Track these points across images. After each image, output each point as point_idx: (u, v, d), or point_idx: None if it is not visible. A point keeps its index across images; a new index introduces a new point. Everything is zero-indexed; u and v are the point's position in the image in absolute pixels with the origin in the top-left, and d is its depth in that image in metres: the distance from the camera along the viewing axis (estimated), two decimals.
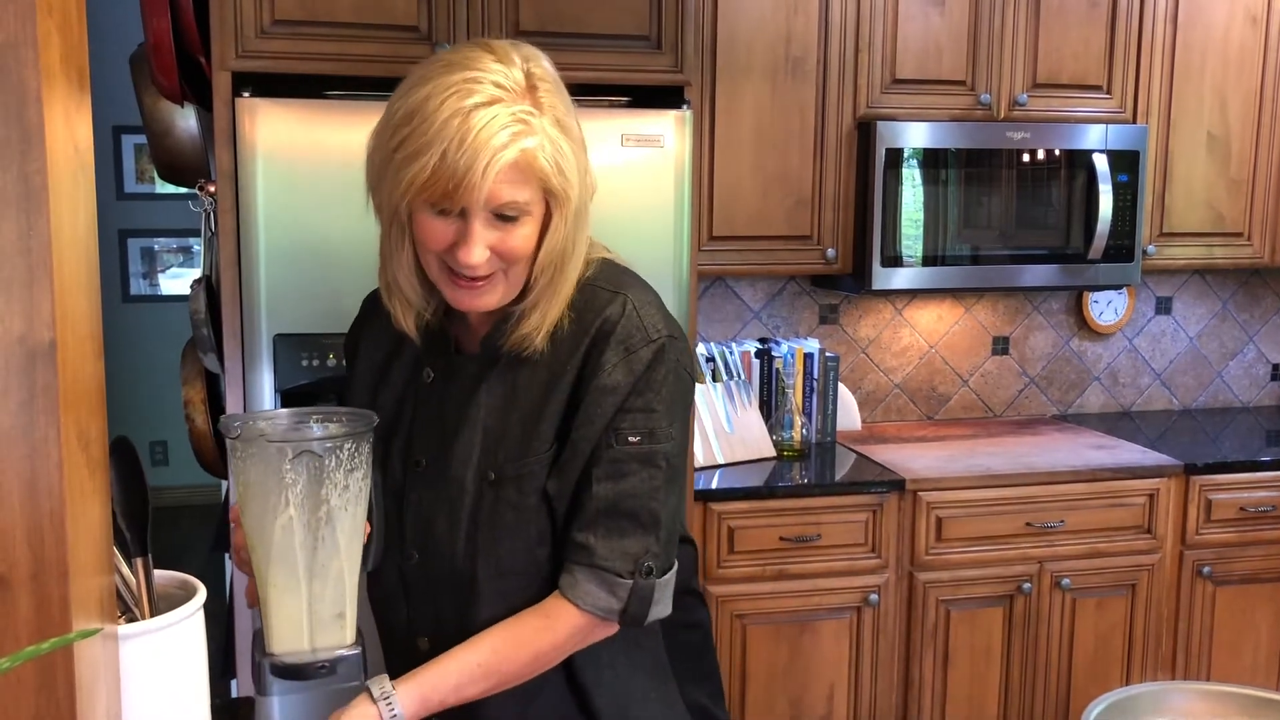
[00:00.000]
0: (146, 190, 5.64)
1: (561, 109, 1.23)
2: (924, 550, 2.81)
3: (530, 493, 1.31)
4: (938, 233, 2.97)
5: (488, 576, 1.31)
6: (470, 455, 1.32)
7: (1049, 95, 3.06)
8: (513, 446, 1.31)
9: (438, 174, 1.16)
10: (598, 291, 1.32)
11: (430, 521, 1.34)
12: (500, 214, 1.20)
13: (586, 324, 1.30)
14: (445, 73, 1.20)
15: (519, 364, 1.31)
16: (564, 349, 1.31)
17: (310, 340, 2.38)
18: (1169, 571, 2.99)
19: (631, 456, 1.28)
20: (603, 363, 1.28)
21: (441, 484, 1.34)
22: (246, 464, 1.14)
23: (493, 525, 1.31)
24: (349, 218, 2.36)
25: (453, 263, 1.23)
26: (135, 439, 3.93)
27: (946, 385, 3.46)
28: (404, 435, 1.37)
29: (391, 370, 1.41)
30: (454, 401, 1.34)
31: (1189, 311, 3.63)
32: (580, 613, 1.28)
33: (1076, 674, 2.94)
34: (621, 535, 1.28)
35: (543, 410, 1.30)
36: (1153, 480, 2.94)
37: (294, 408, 1.26)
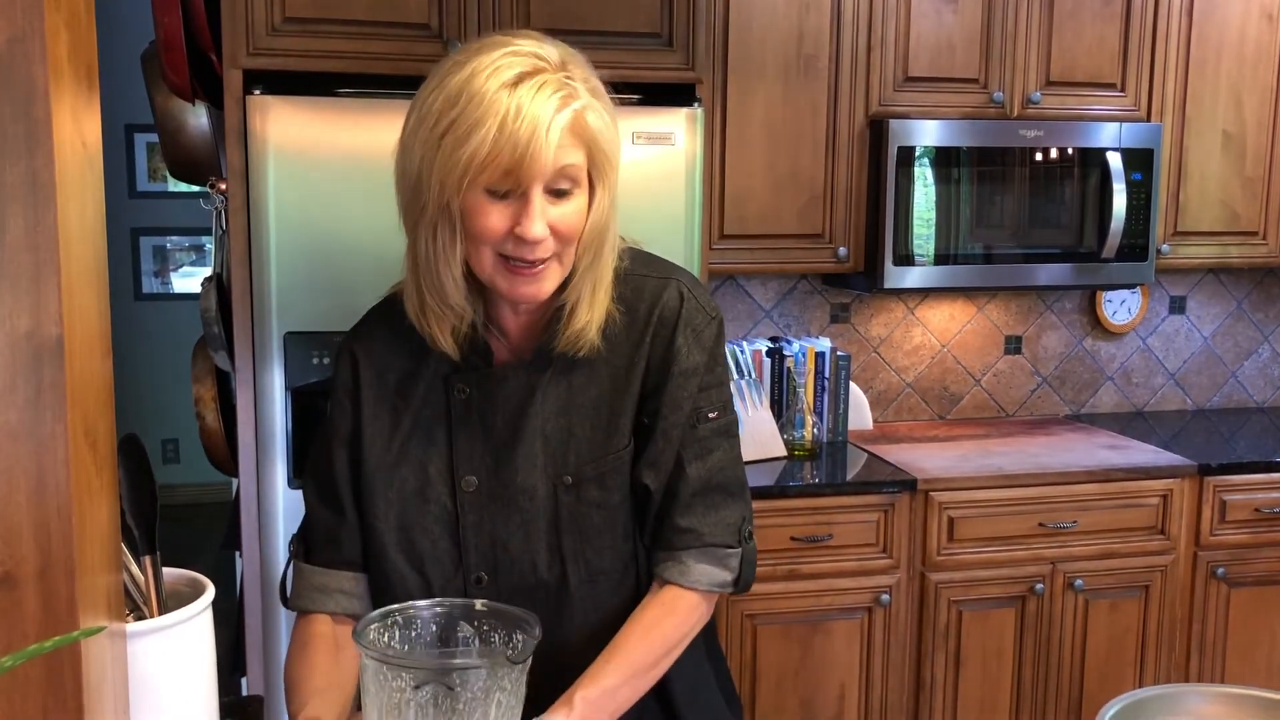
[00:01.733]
0: (159, 189, 5.65)
1: (594, 82, 1.24)
2: (936, 550, 2.80)
3: (614, 489, 1.30)
4: (950, 231, 2.95)
5: (579, 582, 1.30)
6: (534, 464, 1.29)
7: (1062, 93, 3.04)
8: (585, 447, 1.29)
9: (498, 146, 1.14)
10: (645, 280, 1.33)
11: (500, 540, 1.30)
12: (553, 189, 1.19)
13: (641, 314, 1.31)
14: (481, 54, 1.19)
15: (572, 365, 1.30)
16: (621, 342, 1.30)
17: (321, 338, 2.38)
18: (1183, 573, 2.97)
19: (714, 432, 1.32)
20: (677, 348, 1.30)
21: (506, 499, 1.29)
22: (364, 676, 1.05)
23: (578, 529, 1.29)
24: (360, 216, 2.36)
25: (512, 248, 1.19)
26: (146, 437, 3.95)
27: (958, 385, 3.44)
28: (442, 459, 1.31)
29: (411, 395, 1.33)
30: (503, 414, 1.30)
31: (1203, 311, 3.61)
32: (698, 594, 1.31)
33: (1089, 676, 2.93)
34: (719, 508, 1.31)
35: (615, 406, 1.30)
36: (1166, 481, 2.92)
37: (452, 600, 1.18)
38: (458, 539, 1.30)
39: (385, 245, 2.38)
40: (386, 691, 1.02)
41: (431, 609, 1.13)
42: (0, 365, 0.81)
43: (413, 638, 1.11)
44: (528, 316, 1.31)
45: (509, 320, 1.31)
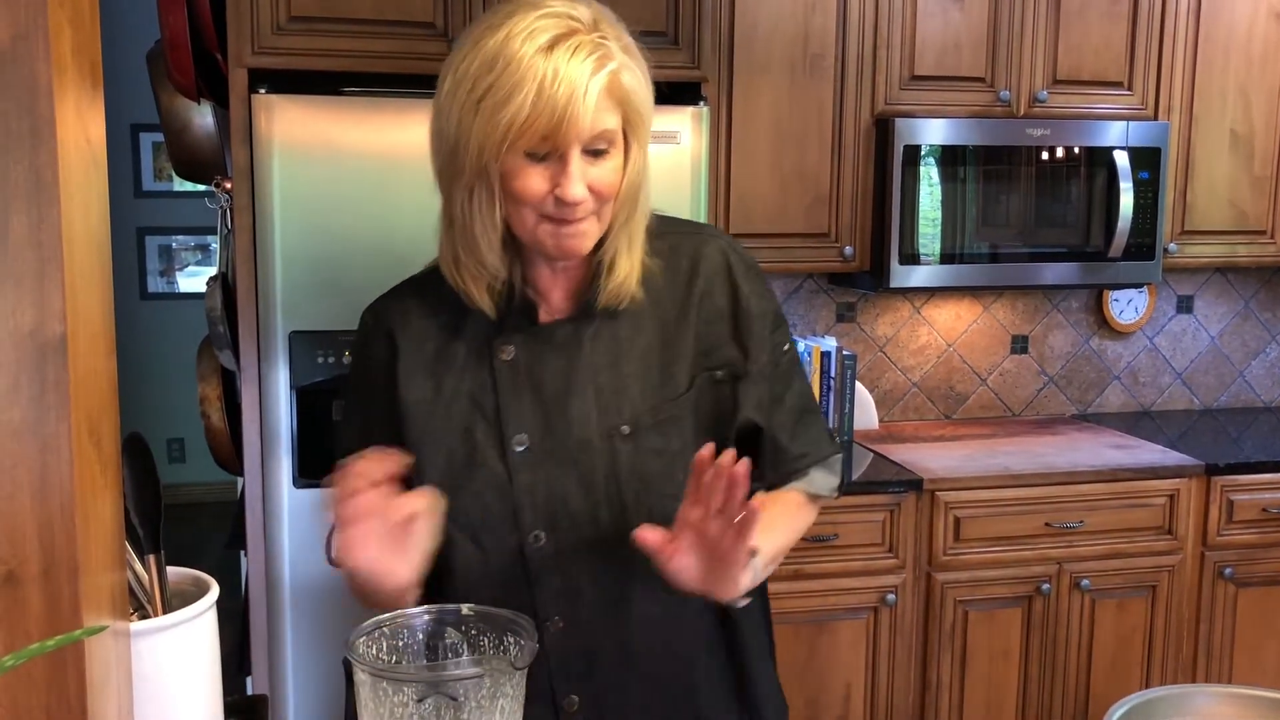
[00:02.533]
0: (164, 188, 5.66)
1: (625, 39, 1.24)
2: (942, 550, 2.79)
3: (674, 437, 1.32)
4: (956, 230, 2.95)
5: None
6: (589, 417, 1.30)
7: (1069, 92, 3.03)
8: (640, 396, 1.31)
9: (536, 110, 1.15)
10: (679, 237, 1.38)
11: (558, 496, 1.30)
12: (591, 149, 1.21)
13: (683, 268, 1.36)
14: (514, 15, 1.20)
15: (616, 318, 1.32)
16: (664, 295, 1.34)
17: (326, 337, 2.38)
18: (1190, 573, 2.96)
19: (792, 362, 1.41)
20: (746, 297, 1.36)
21: (561, 455, 1.30)
22: (361, 691, 1.03)
23: (638, 479, 1.30)
24: (365, 214, 2.36)
25: (553, 208, 1.21)
26: (152, 436, 3.96)
27: (965, 384, 3.44)
28: (489, 421, 1.30)
29: (450, 361, 1.33)
30: (551, 370, 1.31)
31: (1210, 310, 3.60)
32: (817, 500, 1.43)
33: (1096, 676, 2.92)
34: (813, 425, 1.43)
35: (666, 356, 1.33)
36: (1173, 480, 2.91)
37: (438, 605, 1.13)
38: (511, 500, 1.29)
39: (391, 244, 2.38)
40: (387, 706, 1.01)
41: (420, 616, 1.11)
42: (4, 363, 0.81)
43: (400, 647, 1.10)
44: (564, 275, 1.32)
45: (546, 280, 1.32)
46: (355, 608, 2.48)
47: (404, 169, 2.37)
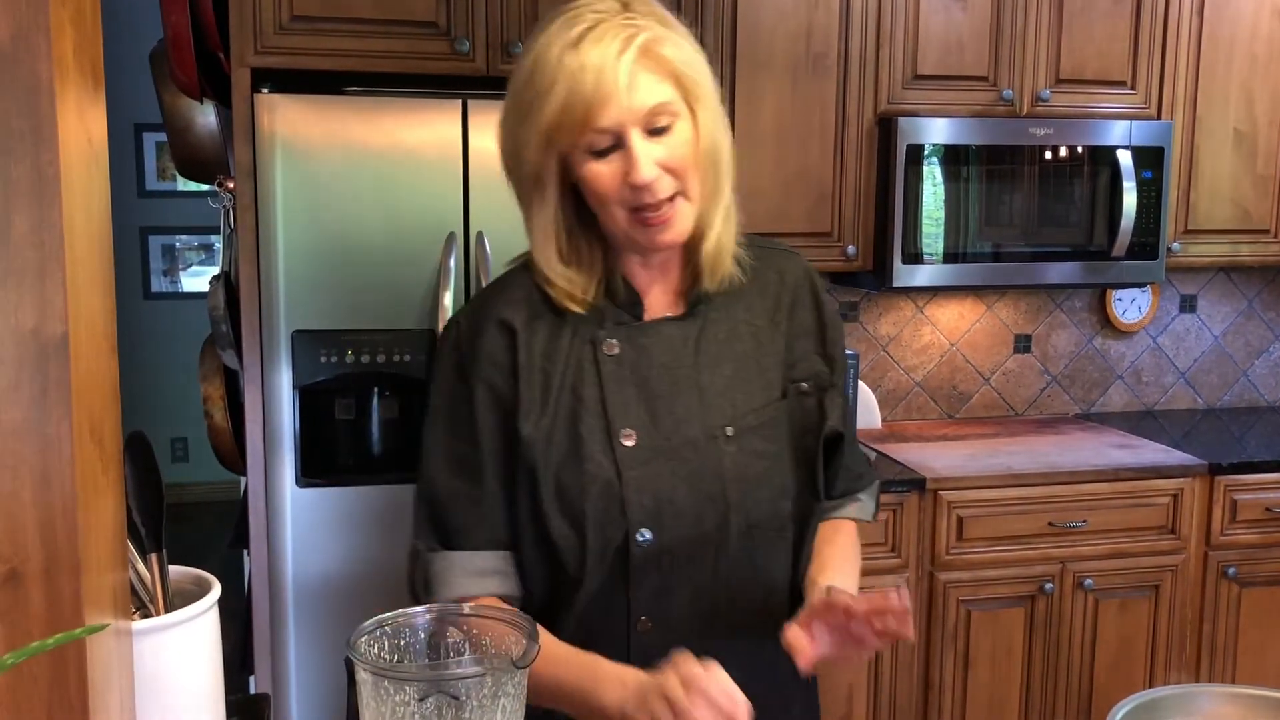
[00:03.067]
0: (168, 188, 5.67)
1: (661, 13, 1.24)
2: (945, 550, 2.79)
3: (774, 440, 1.33)
4: (959, 230, 2.94)
5: (738, 534, 1.30)
6: (693, 415, 1.30)
7: (1072, 91, 3.03)
8: (742, 398, 1.31)
9: (569, 103, 1.16)
10: (765, 251, 1.40)
11: (665, 494, 1.28)
12: (652, 128, 1.20)
13: (770, 280, 1.38)
14: (546, 28, 1.22)
15: (716, 320, 1.33)
16: (755, 303, 1.36)
17: (329, 336, 2.38)
18: (1193, 572, 2.95)
19: (842, 381, 1.42)
20: (829, 311, 1.40)
21: (669, 452, 1.28)
22: (363, 690, 1.01)
23: (741, 479, 1.30)
24: (368, 214, 2.37)
25: (633, 196, 1.21)
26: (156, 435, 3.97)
27: (968, 384, 3.43)
28: (594, 417, 1.28)
29: (556, 356, 1.30)
30: (655, 367, 1.30)
31: (1214, 309, 3.59)
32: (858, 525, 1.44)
33: (1099, 676, 2.91)
34: (857, 449, 1.46)
35: (762, 362, 1.34)
36: (1177, 480, 2.91)
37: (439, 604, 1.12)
38: (618, 496, 1.27)
39: (393, 243, 2.39)
40: (389, 705, 1.00)
41: (422, 616, 1.11)
42: (5, 362, 0.81)
43: (402, 646, 1.09)
44: (660, 271, 1.32)
45: (642, 278, 1.32)
46: (357, 606, 2.50)
47: (407, 168, 2.37)
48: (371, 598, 2.39)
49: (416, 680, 1.00)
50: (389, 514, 2.45)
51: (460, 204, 2.41)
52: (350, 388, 2.43)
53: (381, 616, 1.09)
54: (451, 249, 2.39)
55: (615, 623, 1.30)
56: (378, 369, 2.42)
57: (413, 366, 2.42)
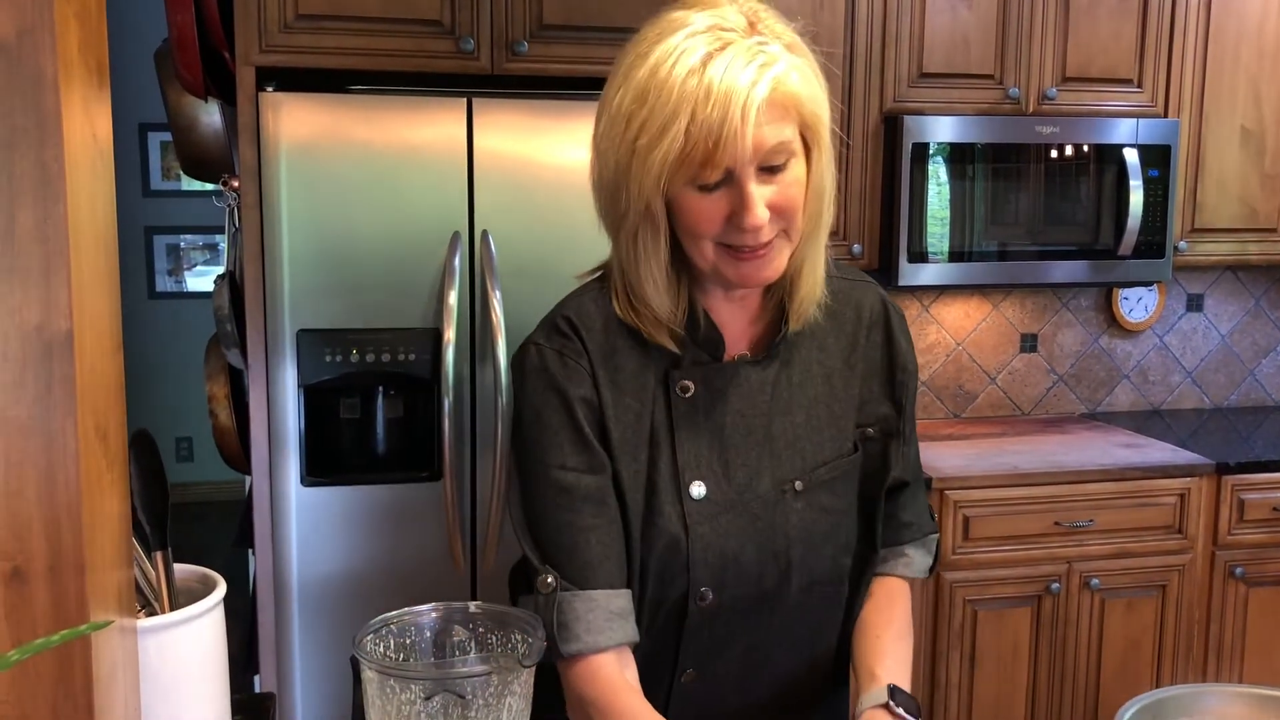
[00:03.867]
0: (173, 187, 5.67)
1: (789, 35, 1.13)
2: (951, 549, 2.78)
3: (843, 494, 1.26)
4: (965, 228, 2.94)
5: (797, 591, 1.24)
6: (765, 468, 1.22)
7: (1079, 89, 3.02)
8: (811, 450, 1.24)
9: (693, 138, 1.05)
10: (843, 284, 1.30)
11: (731, 554, 1.20)
12: (767, 165, 1.09)
13: (848, 318, 1.29)
14: (662, 39, 1.10)
15: (789, 364, 1.25)
16: (830, 344, 1.27)
17: (333, 335, 2.38)
18: (1200, 572, 2.94)
19: (913, 426, 1.34)
20: (902, 350, 1.31)
21: (739, 507, 1.21)
22: (368, 689, 1.01)
23: (807, 538, 1.23)
24: (372, 213, 2.36)
25: (733, 237, 1.11)
26: (161, 435, 3.96)
27: (974, 383, 3.42)
28: (668, 461, 1.20)
29: (643, 391, 1.21)
30: (732, 412, 1.22)
31: (1221, 309, 3.58)
32: (910, 583, 1.34)
33: (1106, 676, 2.91)
34: (919, 496, 1.36)
35: (835, 409, 1.26)
36: (1184, 479, 2.90)
37: (445, 603, 1.10)
38: (684, 554, 1.19)
39: (398, 242, 2.39)
40: (394, 704, 1.00)
41: (428, 614, 1.10)
42: (10, 359, 0.81)
43: (408, 645, 1.09)
44: (743, 307, 1.24)
45: (724, 313, 1.23)
46: (362, 605, 2.50)
47: (412, 167, 2.37)
48: (376, 597, 2.38)
49: (422, 679, 1.00)
50: (394, 513, 2.45)
51: (465, 203, 2.40)
52: (355, 387, 2.42)
53: (387, 615, 1.08)
54: (456, 248, 2.38)
55: (661, 672, 1.25)
56: (383, 368, 2.41)
57: (417, 365, 2.42)
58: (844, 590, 1.30)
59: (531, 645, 1.04)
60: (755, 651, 1.26)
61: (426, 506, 2.45)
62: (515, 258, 2.40)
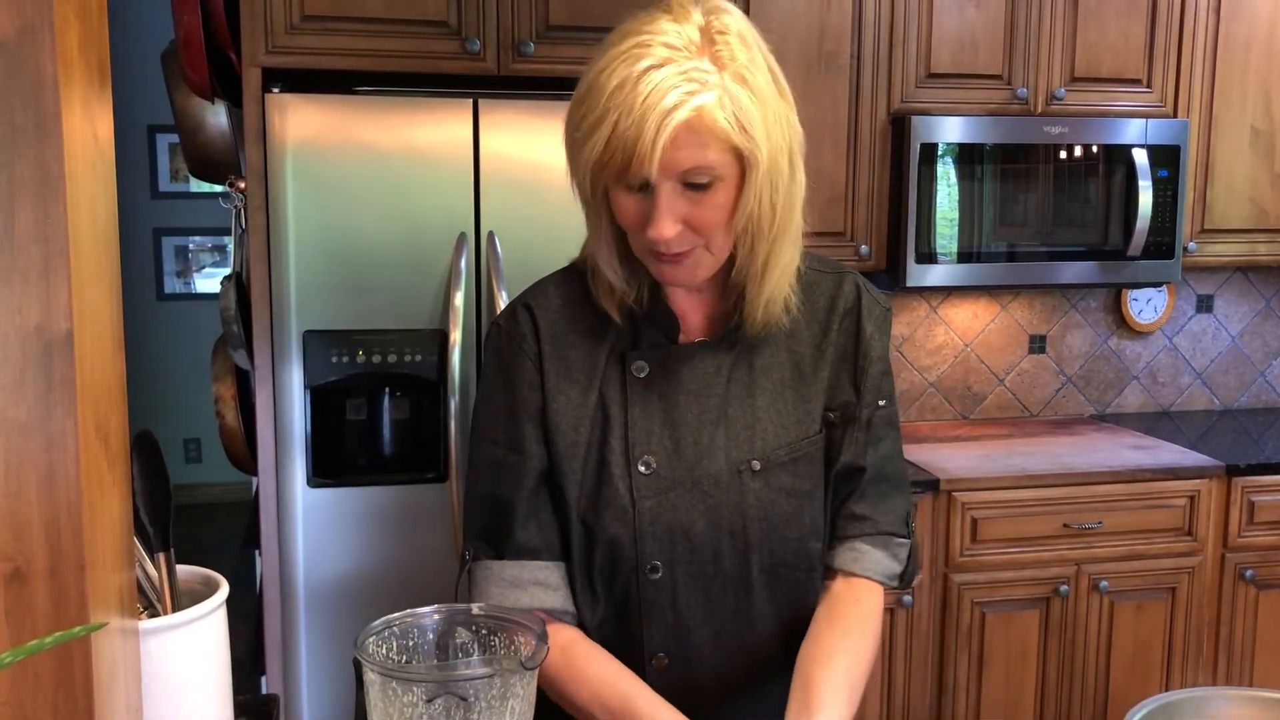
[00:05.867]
0: (181, 189, 5.67)
1: (744, 61, 1.13)
2: (959, 551, 2.77)
3: (806, 477, 1.27)
4: (973, 229, 2.92)
5: (759, 573, 1.26)
6: (717, 447, 1.25)
7: (1087, 89, 3.00)
8: (773, 432, 1.26)
9: (611, 147, 1.10)
10: (819, 275, 1.32)
11: (680, 528, 1.24)
12: (689, 182, 1.12)
13: (821, 306, 1.31)
14: (619, 41, 1.14)
15: (754, 349, 1.27)
16: (803, 329, 1.29)
17: (340, 336, 2.38)
18: (1210, 575, 2.93)
19: (884, 421, 1.31)
20: (869, 336, 1.30)
21: (689, 483, 1.24)
22: (370, 691, 1.00)
23: (765, 517, 1.25)
24: (379, 214, 2.36)
25: (647, 240, 1.16)
26: (169, 436, 3.97)
27: (982, 384, 3.41)
28: (619, 438, 1.24)
29: (593, 370, 1.27)
30: (685, 392, 1.25)
31: (1231, 310, 3.56)
32: (877, 584, 1.29)
33: (1114, 678, 2.89)
34: (887, 498, 1.31)
35: (801, 393, 1.28)
36: (1194, 481, 2.88)
37: (448, 605, 1.11)
38: (631, 525, 1.23)
39: (404, 243, 2.38)
40: (397, 706, 0.99)
41: (430, 616, 1.09)
42: (10, 359, 0.81)
43: (410, 647, 1.08)
44: (699, 297, 1.28)
45: (681, 299, 1.28)
46: (368, 606, 2.49)
47: (418, 168, 2.36)
48: (382, 598, 2.38)
49: (424, 681, 1.00)
50: (400, 514, 2.45)
51: (471, 204, 2.40)
52: (361, 388, 2.42)
53: (390, 617, 1.08)
54: (463, 249, 2.38)
55: (633, 656, 1.27)
56: (389, 369, 2.41)
57: (424, 367, 2.42)
58: (817, 576, 1.30)
59: (535, 648, 1.04)
60: (728, 637, 1.27)
61: (433, 508, 2.45)
62: (522, 259, 2.39)
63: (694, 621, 1.26)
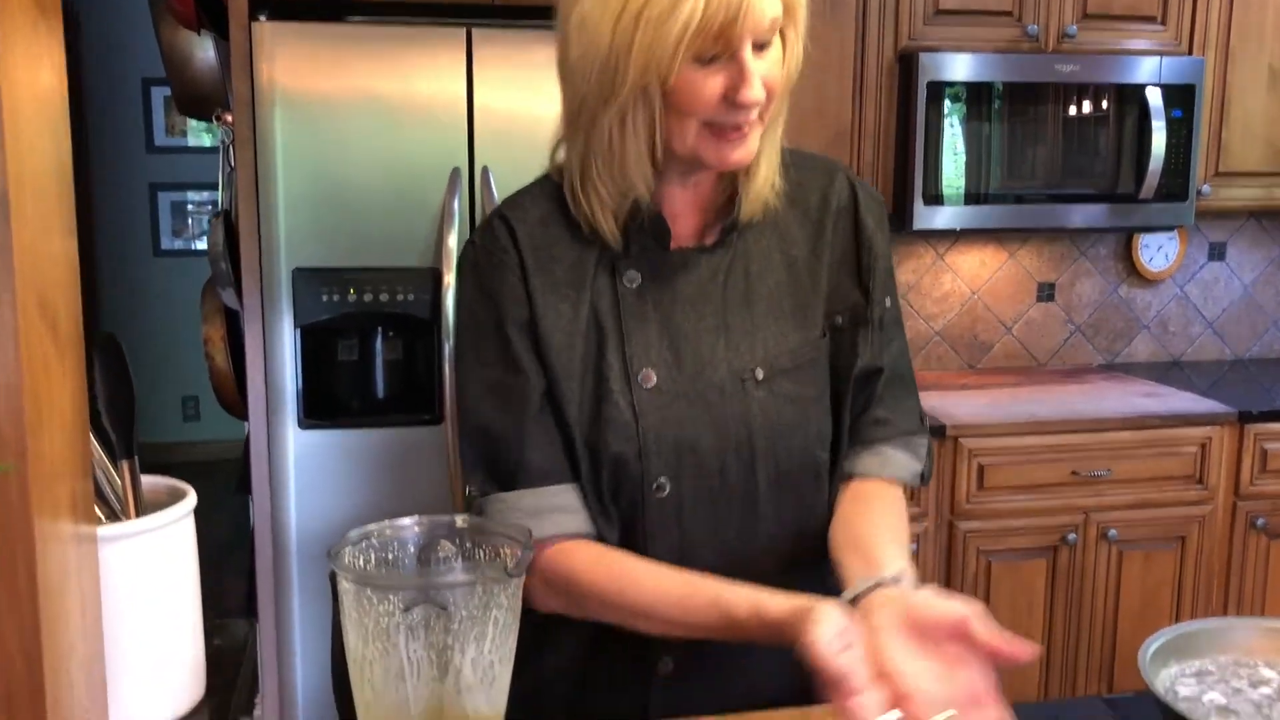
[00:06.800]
0: (177, 143, 5.59)
1: None
2: (965, 499, 2.71)
3: (809, 384, 1.22)
4: (981, 170, 2.85)
5: (767, 486, 1.21)
6: (719, 357, 1.20)
7: (1100, 27, 2.92)
8: (774, 338, 1.21)
9: (711, 9, 1.03)
10: (808, 172, 1.26)
11: (686, 442, 1.18)
12: (761, 43, 1.09)
13: (813, 204, 1.25)
14: None
15: (747, 254, 1.22)
16: (794, 231, 1.24)
17: (330, 275, 2.32)
18: (1220, 523, 2.87)
19: (893, 320, 1.27)
20: (871, 234, 1.25)
21: (692, 395, 1.19)
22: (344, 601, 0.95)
23: (770, 427, 1.20)
24: (369, 147, 2.29)
25: (724, 115, 1.09)
26: (167, 394, 3.92)
27: (989, 333, 3.34)
28: (616, 352, 1.18)
29: (582, 283, 1.20)
30: (682, 301, 1.20)
31: (1244, 258, 3.48)
32: (898, 485, 1.26)
33: (1122, 628, 2.84)
34: (903, 398, 1.28)
35: (799, 297, 1.23)
36: (1205, 428, 2.82)
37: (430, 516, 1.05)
38: (636, 441, 1.17)
39: (396, 177, 2.32)
40: (372, 616, 0.94)
41: (411, 528, 1.03)
42: None
43: (390, 560, 1.02)
44: (696, 194, 1.21)
45: (677, 202, 1.21)
46: None
47: (409, 100, 2.29)
48: None
49: (401, 589, 0.94)
50: (394, 458, 2.40)
51: (464, 138, 2.33)
52: (353, 328, 2.36)
53: (368, 527, 1.02)
54: (456, 185, 2.32)
55: None
56: (381, 309, 2.35)
57: (417, 306, 2.36)
58: (823, 485, 1.26)
59: (521, 556, 0.98)
60: (733, 553, 1.21)
61: (428, 451, 2.39)
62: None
63: (700, 541, 1.21)
